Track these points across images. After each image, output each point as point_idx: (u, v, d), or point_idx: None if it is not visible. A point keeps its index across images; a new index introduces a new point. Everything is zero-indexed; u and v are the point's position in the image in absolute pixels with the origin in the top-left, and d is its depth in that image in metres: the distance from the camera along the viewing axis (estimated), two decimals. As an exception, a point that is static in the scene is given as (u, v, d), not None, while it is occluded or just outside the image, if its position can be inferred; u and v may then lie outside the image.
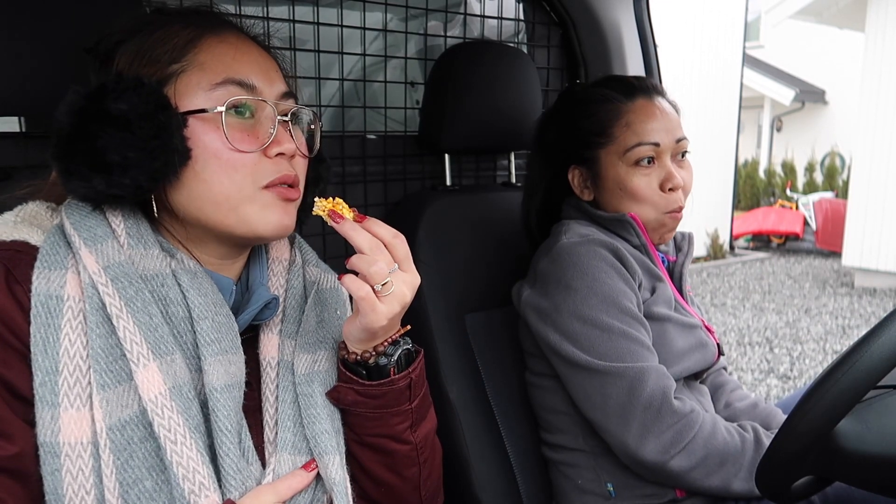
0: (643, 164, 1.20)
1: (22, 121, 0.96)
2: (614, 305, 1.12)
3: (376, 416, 0.81)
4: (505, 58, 1.43)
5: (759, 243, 9.96)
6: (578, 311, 1.13)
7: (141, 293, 0.69)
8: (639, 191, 1.20)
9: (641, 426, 1.07)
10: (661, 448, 1.07)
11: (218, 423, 0.70)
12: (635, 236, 1.22)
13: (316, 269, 0.89)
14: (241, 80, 0.73)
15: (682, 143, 1.22)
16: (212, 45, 0.74)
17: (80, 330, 0.67)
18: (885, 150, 6.65)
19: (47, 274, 0.67)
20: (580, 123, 1.25)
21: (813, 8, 7.69)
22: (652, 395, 1.07)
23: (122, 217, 0.72)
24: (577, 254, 1.16)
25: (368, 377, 0.80)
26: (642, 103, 1.22)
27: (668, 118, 1.22)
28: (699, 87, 8.66)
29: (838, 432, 0.83)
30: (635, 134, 1.20)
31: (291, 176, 0.76)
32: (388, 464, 0.84)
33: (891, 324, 0.80)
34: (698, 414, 1.10)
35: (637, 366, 1.09)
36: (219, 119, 0.72)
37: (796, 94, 12.85)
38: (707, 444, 1.08)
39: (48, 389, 0.65)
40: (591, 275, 1.14)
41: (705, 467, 1.08)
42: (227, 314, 0.74)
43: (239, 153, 0.73)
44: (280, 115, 0.76)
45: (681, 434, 1.07)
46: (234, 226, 0.74)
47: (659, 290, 1.21)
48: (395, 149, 1.50)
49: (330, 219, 0.75)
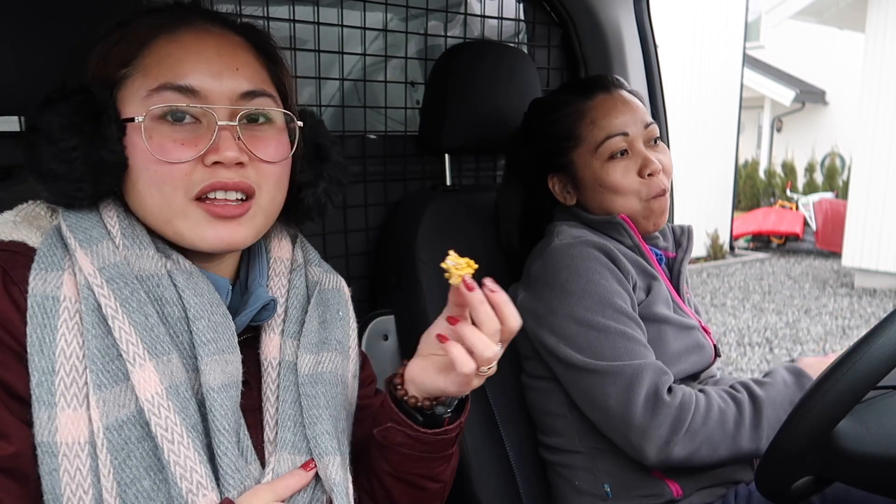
0: (617, 157, 1.21)
1: (22, 120, 0.96)
2: (609, 306, 1.12)
3: (422, 458, 0.82)
4: (505, 58, 1.43)
5: (759, 244, 9.96)
6: (574, 313, 1.13)
7: (136, 294, 0.69)
8: (618, 183, 1.20)
9: (642, 423, 1.07)
10: (663, 441, 1.07)
11: (215, 422, 0.69)
12: (627, 237, 1.22)
13: (318, 269, 0.89)
14: (178, 85, 0.70)
15: (651, 129, 1.23)
16: (161, 47, 0.72)
17: (76, 330, 0.67)
18: (885, 150, 6.65)
19: (44, 275, 0.67)
20: (547, 132, 1.26)
21: (813, 8, 7.69)
22: (648, 391, 1.08)
23: (117, 218, 0.72)
24: (570, 255, 1.16)
25: (424, 424, 0.80)
26: (602, 98, 1.22)
27: (631, 107, 1.22)
28: (699, 88, 8.66)
29: (838, 433, 0.83)
30: (602, 129, 1.20)
31: (230, 183, 0.71)
32: (418, 499, 0.86)
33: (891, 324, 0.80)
34: (689, 396, 1.09)
35: (634, 363, 1.09)
36: (147, 128, 0.70)
37: (796, 95, 12.85)
38: (705, 421, 1.08)
39: (45, 389, 0.65)
40: (586, 276, 1.14)
41: (710, 444, 1.07)
42: (223, 314, 0.74)
43: (167, 165, 0.69)
44: (228, 119, 0.71)
45: (678, 422, 1.07)
46: (174, 238, 0.73)
47: (655, 289, 1.21)
48: (395, 149, 1.50)
49: (461, 283, 0.72)
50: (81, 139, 0.68)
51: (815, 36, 12.02)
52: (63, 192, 0.70)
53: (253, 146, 0.73)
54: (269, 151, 0.75)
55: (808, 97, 13.26)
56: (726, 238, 9.34)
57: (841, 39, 10.67)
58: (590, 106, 1.22)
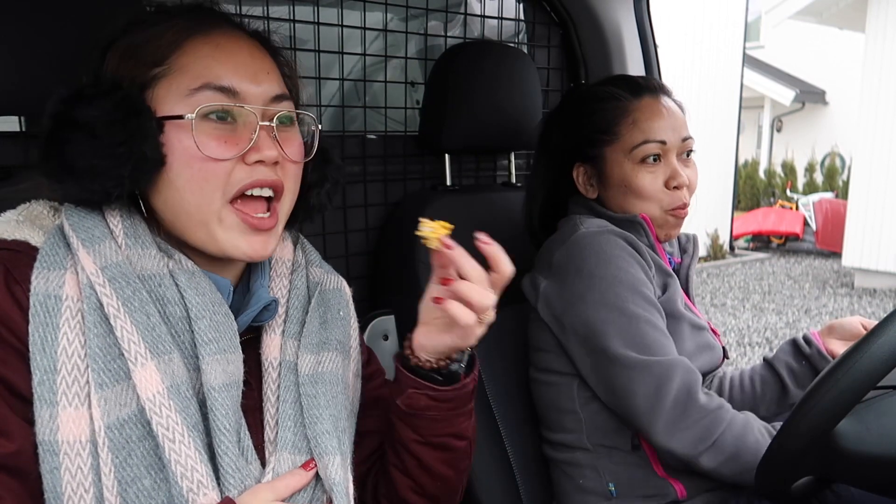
0: (649, 162, 1.20)
1: (22, 120, 0.96)
2: (639, 294, 1.12)
3: (446, 417, 0.85)
4: (505, 58, 1.43)
5: (759, 244, 9.96)
6: (606, 299, 1.12)
7: (138, 293, 0.69)
8: (644, 188, 1.20)
9: (668, 422, 1.07)
10: (690, 443, 1.07)
11: (216, 421, 0.70)
12: (645, 236, 1.22)
13: (319, 270, 0.89)
14: (221, 85, 0.72)
15: (687, 142, 1.23)
16: (195, 47, 0.73)
17: (78, 329, 0.67)
18: (885, 150, 6.65)
19: (46, 274, 0.67)
20: (586, 121, 1.25)
21: (813, 8, 7.70)
22: (679, 390, 1.07)
23: (120, 218, 0.73)
24: (598, 242, 1.16)
25: (442, 383, 0.83)
26: (648, 101, 1.22)
27: (675, 117, 1.22)
28: (699, 88, 8.66)
29: (838, 433, 0.83)
30: (641, 132, 1.20)
31: (268, 181, 0.74)
32: (447, 460, 0.88)
33: (891, 324, 0.80)
34: (726, 411, 1.09)
35: (664, 360, 1.09)
36: (192, 126, 0.71)
37: (796, 95, 12.85)
38: (738, 441, 1.07)
39: (46, 388, 0.65)
40: (615, 263, 1.14)
41: (737, 464, 1.06)
42: (225, 313, 0.74)
43: (213, 162, 0.71)
44: (265, 119, 0.74)
45: (708, 430, 1.06)
46: (206, 242, 0.74)
47: (671, 287, 1.21)
48: (395, 149, 1.50)
49: (440, 244, 0.75)
50: (126, 135, 0.68)
51: (815, 36, 12.01)
52: (101, 188, 0.69)
53: (284, 146, 0.76)
54: (294, 151, 0.78)
55: (808, 97, 13.27)
56: (726, 238, 9.34)
57: (841, 39, 10.67)
58: (635, 106, 1.21)
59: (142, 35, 0.74)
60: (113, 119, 0.68)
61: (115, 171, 0.68)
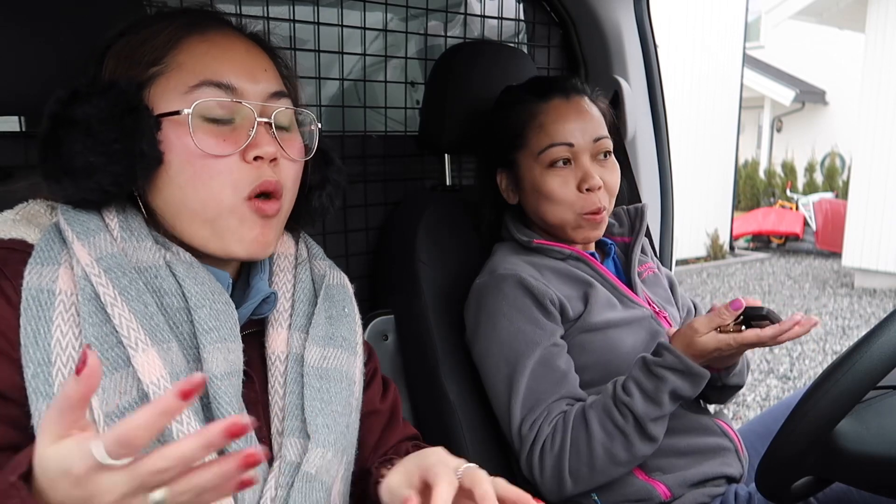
0: (558, 166, 1.19)
1: (22, 120, 0.96)
2: (512, 350, 1.15)
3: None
4: (505, 58, 1.43)
5: (759, 244, 9.96)
6: (489, 349, 1.17)
7: (135, 283, 0.69)
8: (554, 193, 1.19)
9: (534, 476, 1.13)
10: (555, 483, 1.11)
11: (219, 409, 0.69)
12: (556, 252, 1.23)
13: (323, 263, 0.89)
14: (219, 82, 0.72)
15: (601, 143, 1.20)
16: (193, 45, 0.73)
17: (72, 322, 0.66)
18: (885, 150, 6.65)
19: (39, 269, 0.67)
20: (499, 127, 1.26)
21: (813, 8, 7.69)
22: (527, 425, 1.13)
23: (115, 212, 0.73)
24: (484, 295, 1.20)
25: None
26: (556, 104, 1.20)
27: (585, 117, 1.19)
28: (699, 88, 8.66)
29: (838, 433, 0.83)
30: (547, 135, 1.18)
31: (272, 182, 0.74)
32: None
33: (890, 324, 0.80)
34: (562, 446, 1.09)
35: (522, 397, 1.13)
36: (189, 122, 0.71)
37: (796, 95, 12.84)
38: (590, 455, 1.08)
39: (41, 381, 0.64)
40: (508, 316, 1.16)
41: (604, 474, 1.09)
42: (225, 301, 0.74)
43: (212, 158, 0.71)
44: (263, 116, 0.74)
45: (557, 470, 1.10)
46: (208, 239, 0.73)
47: (592, 296, 1.19)
48: (395, 149, 1.50)
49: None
50: (122, 132, 0.68)
51: (815, 36, 12.01)
52: (98, 186, 0.69)
53: (284, 146, 0.76)
54: (294, 150, 0.78)
55: (808, 97, 13.26)
56: (726, 238, 9.34)
57: (841, 39, 10.66)
58: (542, 109, 1.20)
59: (138, 36, 0.74)
60: (108, 116, 0.68)
61: (112, 169, 0.68)
